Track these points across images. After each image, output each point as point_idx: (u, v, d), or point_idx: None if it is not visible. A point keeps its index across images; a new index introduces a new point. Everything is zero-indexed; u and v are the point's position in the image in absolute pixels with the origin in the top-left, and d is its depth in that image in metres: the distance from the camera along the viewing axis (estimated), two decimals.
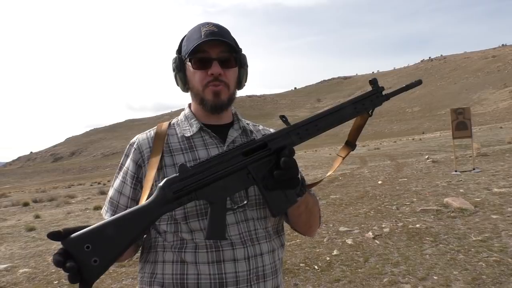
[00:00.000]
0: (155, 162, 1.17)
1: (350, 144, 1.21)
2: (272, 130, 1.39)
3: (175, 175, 0.98)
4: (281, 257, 1.27)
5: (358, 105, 1.15)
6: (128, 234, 0.92)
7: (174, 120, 1.31)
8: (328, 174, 1.24)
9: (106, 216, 1.19)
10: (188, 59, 1.19)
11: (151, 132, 1.26)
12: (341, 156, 1.21)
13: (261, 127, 1.39)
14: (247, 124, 1.34)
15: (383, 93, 1.17)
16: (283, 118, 1.09)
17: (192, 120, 1.26)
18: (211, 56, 1.17)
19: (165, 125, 1.28)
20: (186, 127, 1.25)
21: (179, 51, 1.25)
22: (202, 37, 1.16)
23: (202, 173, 0.99)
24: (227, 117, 1.29)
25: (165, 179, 0.98)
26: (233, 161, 1.02)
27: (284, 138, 1.07)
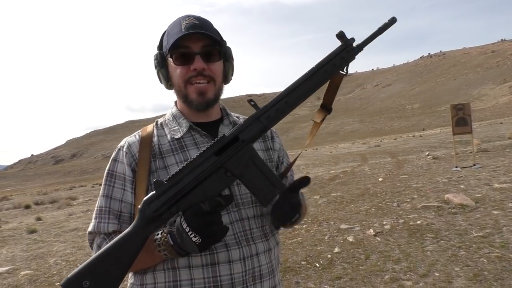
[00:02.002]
0: (143, 175, 1.12)
1: (326, 108, 1.14)
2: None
3: (152, 193, 0.96)
4: (277, 255, 1.24)
5: (328, 67, 1.05)
6: (121, 263, 0.94)
7: (161, 120, 1.26)
8: (307, 143, 1.18)
9: (110, 229, 1.12)
10: (169, 55, 1.14)
11: (139, 133, 1.21)
12: (316, 122, 1.15)
13: None
14: (237, 117, 1.29)
15: (354, 44, 1.06)
16: (251, 102, 1.04)
17: (180, 120, 1.20)
18: (193, 51, 1.11)
19: (150, 128, 1.22)
20: (175, 127, 1.20)
21: (160, 46, 1.19)
22: (183, 30, 1.10)
23: (178, 185, 0.96)
24: (216, 113, 1.24)
25: (143, 200, 0.96)
26: (207, 164, 0.98)
27: (256, 125, 1.02)
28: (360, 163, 15.98)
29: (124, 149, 1.18)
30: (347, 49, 1.06)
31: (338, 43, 1.07)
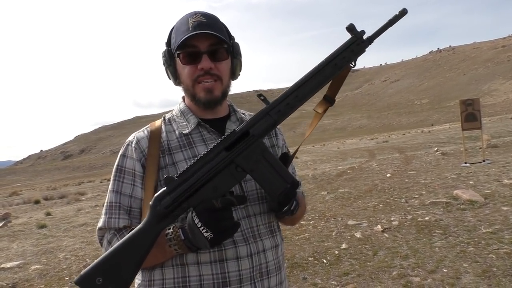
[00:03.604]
0: (152, 171, 1.13)
1: (329, 99, 1.13)
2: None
3: (163, 189, 0.97)
4: (283, 252, 1.25)
5: (338, 60, 1.03)
6: (133, 259, 0.95)
7: (168, 115, 1.26)
8: (307, 134, 1.17)
9: (120, 225, 1.12)
10: (176, 53, 1.14)
11: (148, 128, 1.21)
12: (318, 112, 1.14)
13: None
14: (243, 114, 1.29)
15: (364, 37, 1.05)
16: (261, 96, 1.03)
17: (189, 116, 1.21)
18: (200, 50, 1.11)
19: (158, 123, 1.22)
20: (183, 123, 1.20)
21: (168, 43, 1.19)
22: (190, 29, 1.10)
23: (188, 181, 0.96)
24: (223, 110, 1.24)
25: (154, 196, 0.97)
26: (218, 159, 0.98)
27: (266, 120, 1.01)
28: (368, 159, 15.92)
29: (133, 145, 1.17)
30: (357, 42, 1.04)
31: (345, 38, 1.05)
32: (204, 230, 0.94)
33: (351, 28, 1.04)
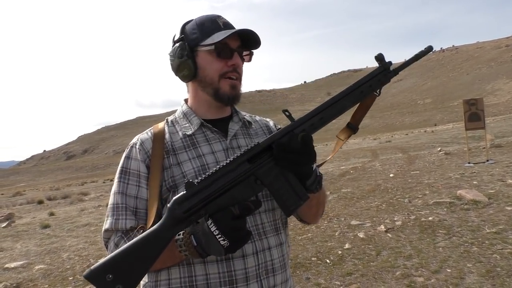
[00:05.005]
0: (157, 171, 1.13)
1: (353, 127, 1.15)
2: (269, 120, 1.38)
3: (182, 193, 0.97)
4: (287, 250, 1.25)
5: (365, 88, 1.08)
6: (145, 259, 0.95)
7: (171, 118, 1.27)
8: (329, 157, 1.20)
9: (128, 226, 1.12)
10: (209, 47, 1.15)
11: (151, 130, 1.22)
12: (341, 139, 1.16)
13: (258, 118, 1.37)
14: (244, 115, 1.31)
15: (391, 68, 1.09)
16: (286, 112, 1.05)
17: (191, 117, 1.22)
18: (233, 48, 1.16)
19: (161, 125, 1.24)
20: (185, 124, 1.22)
21: (183, 38, 1.19)
22: (222, 27, 1.16)
23: (209, 188, 0.97)
24: (227, 110, 1.27)
25: (172, 199, 0.97)
26: (240, 170, 0.99)
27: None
28: (371, 158, 15.90)
29: (137, 146, 1.18)
30: (385, 72, 1.09)
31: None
32: (221, 239, 0.94)
33: (380, 58, 1.08)
